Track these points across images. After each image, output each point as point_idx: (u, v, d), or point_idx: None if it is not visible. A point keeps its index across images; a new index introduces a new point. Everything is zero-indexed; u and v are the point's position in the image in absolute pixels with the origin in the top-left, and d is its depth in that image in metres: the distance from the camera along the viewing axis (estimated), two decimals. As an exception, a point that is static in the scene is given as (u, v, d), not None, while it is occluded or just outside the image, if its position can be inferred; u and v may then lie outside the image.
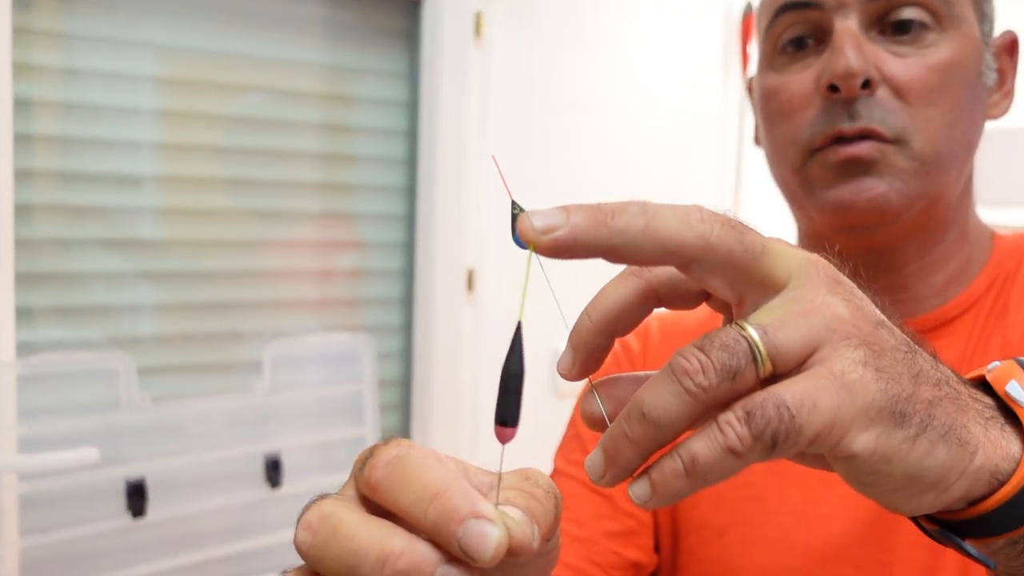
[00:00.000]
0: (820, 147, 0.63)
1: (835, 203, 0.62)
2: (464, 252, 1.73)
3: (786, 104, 0.65)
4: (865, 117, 0.61)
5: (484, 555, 0.30)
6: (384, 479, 0.32)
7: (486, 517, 0.30)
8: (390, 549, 0.30)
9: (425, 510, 0.30)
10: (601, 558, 0.67)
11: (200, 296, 1.51)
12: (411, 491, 0.31)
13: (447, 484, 0.31)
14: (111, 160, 1.41)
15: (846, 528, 0.62)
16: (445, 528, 0.30)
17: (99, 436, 1.35)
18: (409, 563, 0.29)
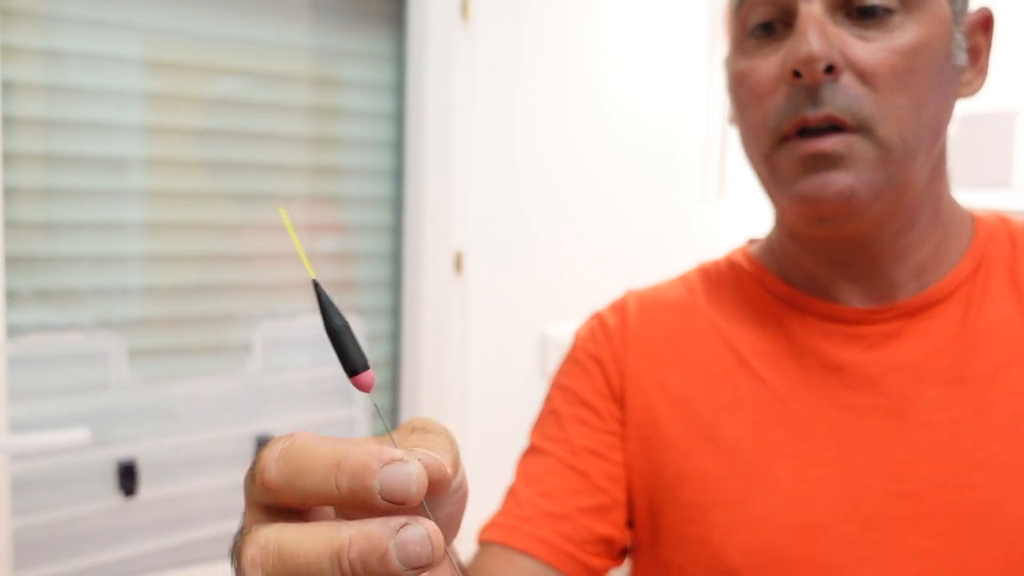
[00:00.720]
0: (787, 135, 0.63)
1: (801, 196, 0.62)
2: (452, 235, 1.74)
3: (755, 89, 0.65)
4: (829, 103, 0.60)
5: (410, 492, 0.30)
6: (279, 476, 0.31)
7: (396, 459, 0.30)
8: (339, 544, 0.29)
9: (334, 482, 0.30)
10: (574, 533, 0.68)
11: (189, 278, 1.51)
12: (312, 473, 0.30)
13: (343, 450, 0.30)
14: (98, 142, 1.41)
15: (831, 506, 0.63)
16: (361, 487, 0.30)
17: (90, 417, 1.37)
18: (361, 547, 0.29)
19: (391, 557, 0.29)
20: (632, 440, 0.71)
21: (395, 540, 0.29)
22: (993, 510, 0.60)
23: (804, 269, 0.71)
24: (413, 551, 0.29)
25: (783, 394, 0.67)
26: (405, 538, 0.29)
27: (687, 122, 2.01)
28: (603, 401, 0.73)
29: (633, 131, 1.94)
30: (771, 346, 0.70)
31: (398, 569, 0.29)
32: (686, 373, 0.71)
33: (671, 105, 1.99)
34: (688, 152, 2.02)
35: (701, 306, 0.75)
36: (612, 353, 0.75)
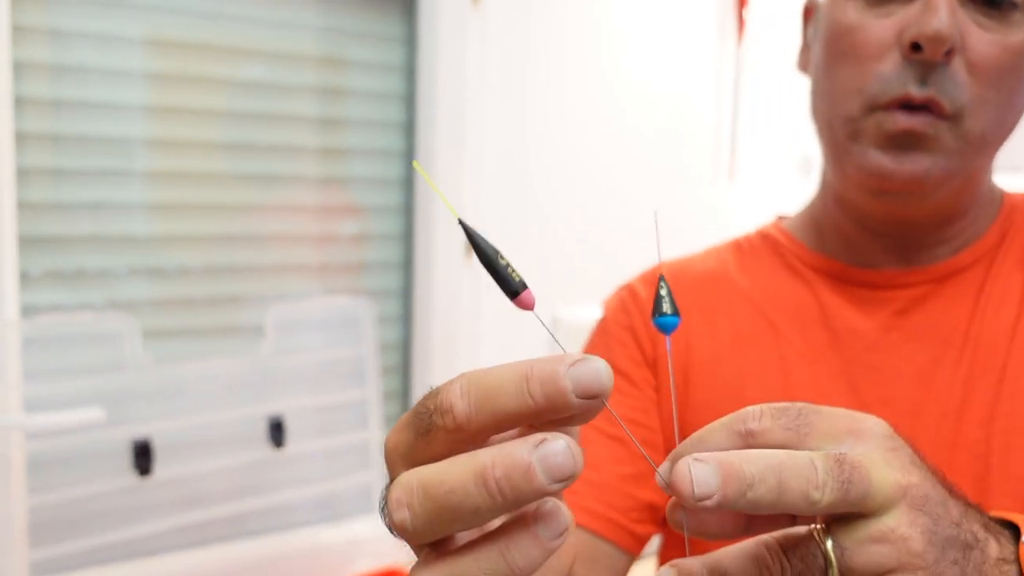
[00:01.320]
0: (882, 106, 0.61)
1: (876, 168, 0.62)
2: (463, 216, 1.73)
3: (860, 48, 0.62)
4: (936, 86, 0.59)
5: (603, 384, 0.30)
6: (469, 407, 0.31)
7: (582, 358, 0.30)
8: (481, 466, 0.29)
9: (527, 395, 0.30)
10: (618, 501, 0.69)
11: (200, 260, 1.52)
12: (503, 392, 0.30)
13: (527, 364, 0.30)
14: (108, 123, 1.42)
15: None
16: (555, 390, 0.30)
17: (104, 397, 1.37)
18: (505, 466, 0.29)
19: (536, 472, 0.29)
20: (665, 404, 0.73)
21: (536, 455, 0.29)
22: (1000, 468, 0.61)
23: (844, 236, 0.71)
24: (556, 463, 0.29)
25: (810, 358, 0.68)
26: (546, 452, 0.29)
27: (698, 104, 2.00)
28: (637, 368, 0.74)
29: (644, 113, 1.93)
30: (800, 311, 0.70)
31: (543, 483, 0.29)
32: (715, 338, 0.72)
33: (682, 87, 1.98)
34: (699, 135, 2.02)
35: (732, 276, 0.76)
36: (645, 321, 0.75)
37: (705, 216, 2.01)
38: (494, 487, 0.29)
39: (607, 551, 0.67)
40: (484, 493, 0.29)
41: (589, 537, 0.67)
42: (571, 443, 0.30)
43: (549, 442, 0.29)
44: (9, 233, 1.28)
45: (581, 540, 0.66)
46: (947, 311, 0.66)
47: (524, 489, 0.29)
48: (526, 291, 0.35)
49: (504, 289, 0.34)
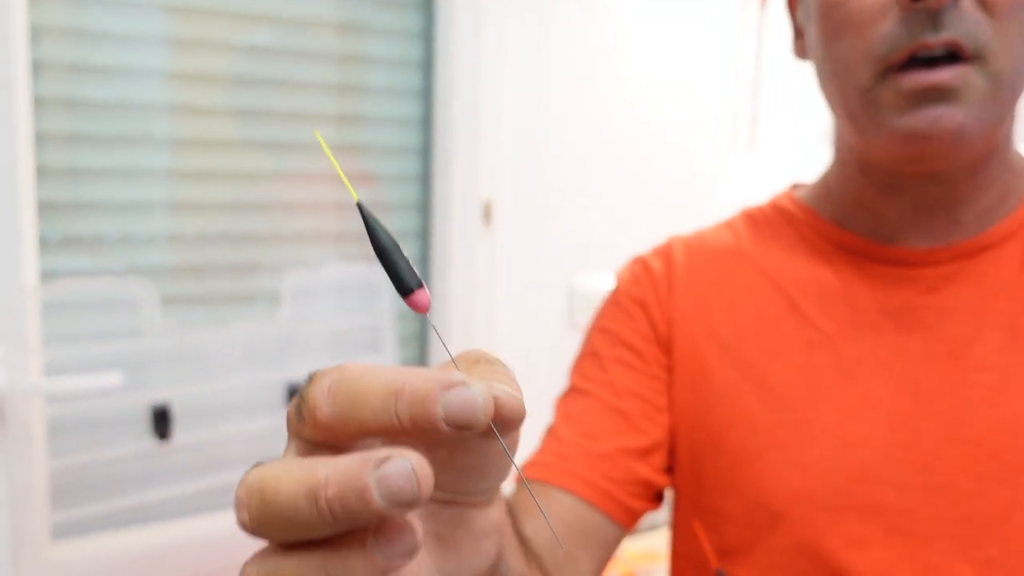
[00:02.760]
0: (896, 65, 0.58)
1: (908, 132, 0.59)
2: (480, 184, 1.73)
3: (855, 15, 0.59)
4: (951, 28, 0.56)
5: (476, 417, 0.28)
6: (331, 411, 0.29)
7: (459, 383, 0.28)
8: (315, 481, 0.27)
9: (393, 411, 0.28)
10: (616, 473, 0.68)
11: (219, 227, 1.52)
12: (368, 405, 0.28)
13: (401, 378, 0.28)
14: (127, 88, 1.41)
15: (886, 450, 0.62)
16: (423, 415, 0.27)
17: (123, 362, 1.38)
18: (339, 485, 0.26)
19: (372, 494, 0.26)
20: (679, 387, 0.71)
21: (375, 475, 0.26)
22: None
23: (866, 207, 0.69)
24: (396, 486, 0.26)
25: (835, 338, 0.66)
26: (386, 472, 0.26)
27: (718, 73, 1.98)
28: (647, 344, 0.73)
29: (664, 81, 1.91)
30: (822, 290, 0.68)
31: (380, 507, 0.26)
32: (735, 318, 0.70)
33: (701, 56, 1.95)
34: (719, 104, 1.99)
35: (748, 250, 0.74)
36: (657, 298, 0.74)
37: (725, 186, 1.99)
38: (324, 506, 0.26)
39: (599, 522, 0.67)
40: (314, 511, 0.27)
41: (582, 507, 0.66)
42: (417, 465, 0.27)
43: (391, 462, 0.26)
44: (28, 198, 1.28)
45: (573, 509, 0.66)
46: (980, 288, 0.64)
47: (359, 511, 0.27)
48: (421, 290, 0.33)
49: (397, 286, 0.33)
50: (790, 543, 0.63)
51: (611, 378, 0.72)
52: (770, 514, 0.64)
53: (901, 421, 0.63)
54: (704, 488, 0.69)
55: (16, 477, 1.28)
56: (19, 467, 1.28)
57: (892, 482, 0.61)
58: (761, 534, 0.65)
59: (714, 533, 0.68)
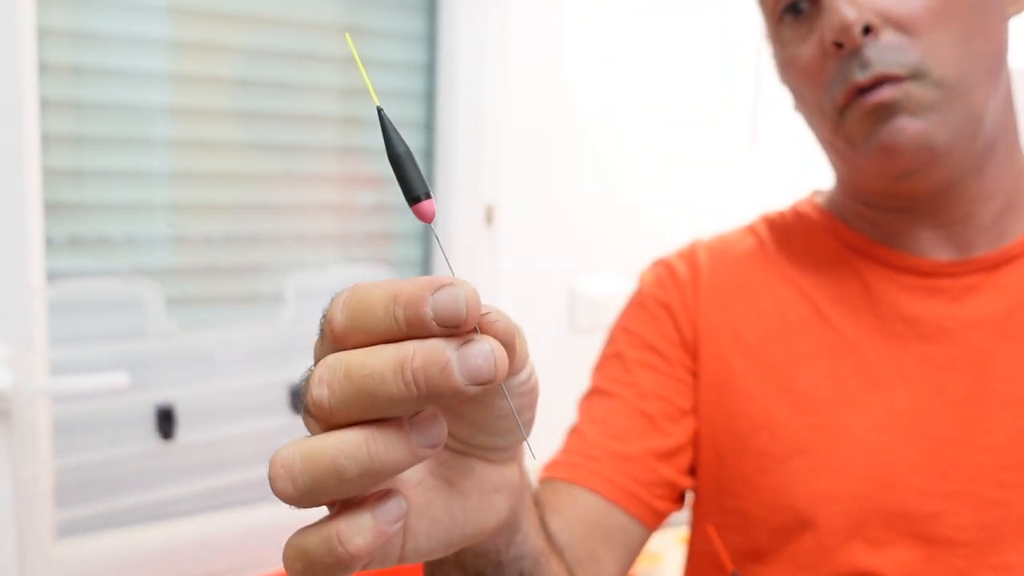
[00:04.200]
0: (846, 104, 0.63)
1: (879, 149, 0.62)
2: (483, 188, 1.73)
3: (802, 73, 0.65)
4: (876, 63, 0.60)
5: (460, 312, 0.30)
6: (345, 321, 0.31)
7: (447, 283, 0.30)
8: (402, 355, 0.29)
9: (393, 316, 0.30)
10: (642, 475, 0.69)
11: (224, 229, 1.53)
12: (374, 312, 0.31)
13: (399, 285, 0.31)
14: (129, 90, 1.42)
15: (909, 457, 0.63)
16: (415, 315, 0.30)
17: (128, 362, 1.39)
18: (424, 357, 0.29)
19: (453, 369, 0.29)
20: (705, 390, 0.72)
21: (457, 353, 0.29)
22: None
23: (878, 223, 0.71)
24: (475, 364, 0.29)
25: (860, 345, 0.67)
26: (467, 351, 0.30)
27: (720, 72, 1.98)
28: (671, 347, 0.73)
29: (666, 83, 1.91)
30: (847, 297, 0.70)
31: (460, 382, 0.29)
32: (760, 323, 0.71)
33: (705, 56, 1.95)
34: (721, 103, 1.99)
35: (772, 256, 0.75)
36: (683, 302, 0.75)
37: (729, 187, 1.99)
38: (410, 378, 0.29)
39: (624, 523, 0.67)
40: (400, 382, 0.29)
41: (607, 507, 0.67)
42: (495, 348, 0.30)
43: (473, 343, 0.30)
44: (34, 199, 1.29)
45: (597, 509, 0.67)
46: (1002, 299, 0.65)
47: (440, 385, 0.29)
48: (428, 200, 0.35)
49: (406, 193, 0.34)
50: (814, 546, 0.65)
51: (636, 380, 0.73)
52: (795, 517, 0.65)
53: (925, 428, 0.64)
54: (728, 490, 0.70)
55: (21, 476, 1.29)
56: (24, 466, 1.29)
57: (916, 488, 0.63)
58: (786, 537, 0.66)
59: (738, 535, 0.69)
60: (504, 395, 0.36)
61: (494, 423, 0.37)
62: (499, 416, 0.37)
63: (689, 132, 1.95)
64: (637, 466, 0.69)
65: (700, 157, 1.97)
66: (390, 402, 0.30)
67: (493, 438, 0.38)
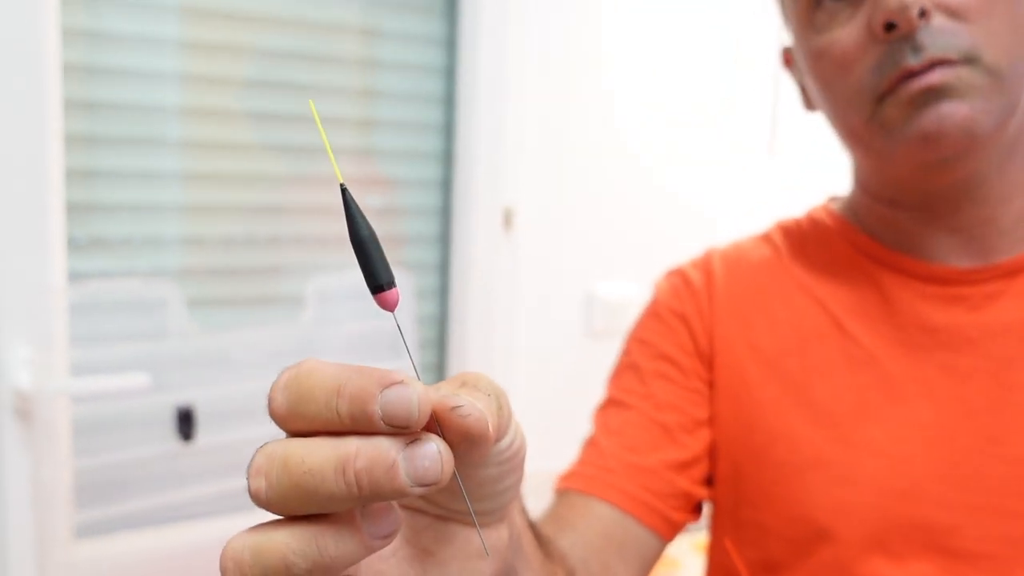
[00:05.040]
0: (889, 90, 0.60)
1: (920, 135, 0.60)
2: (502, 191, 1.73)
3: (840, 59, 0.63)
4: (930, 47, 0.58)
5: (411, 415, 0.28)
6: (284, 404, 0.30)
7: (398, 382, 0.28)
8: (344, 453, 0.28)
9: (335, 409, 0.28)
10: (658, 486, 0.68)
11: (243, 231, 1.53)
12: (314, 400, 0.29)
13: (346, 375, 0.29)
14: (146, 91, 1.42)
15: (930, 469, 0.62)
16: (361, 412, 0.28)
17: (149, 363, 1.39)
18: (368, 457, 0.28)
19: (399, 470, 0.28)
20: (721, 401, 0.71)
21: (404, 454, 0.28)
22: None
23: (897, 228, 0.69)
24: (421, 466, 0.28)
25: (878, 355, 0.66)
26: (415, 452, 0.28)
27: (740, 78, 1.97)
28: (687, 357, 0.73)
29: (686, 87, 1.90)
30: (864, 306, 0.68)
31: (405, 484, 0.28)
32: (776, 334, 0.70)
33: (724, 60, 1.94)
34: (741, 109, 1.98)
35: (787, 265, 0.74)
36: (698, 311, 0.74)
37: (747, 193, 1.98)
38: (352, 478, 0.28)
39: (639, 535, 0.67)
40: (341, 482, 0.28)
41: (622, 518, 0.66)
42: (442, 449, 0.29)
43: (420, 444, 0.28)
44: (56, 199, 1.30)
45: (612, 521, 0.66)
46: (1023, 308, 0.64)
47: (384, 486, 0.28)
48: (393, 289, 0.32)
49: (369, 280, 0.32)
50: (832, 559, 0.64)
51: (651, 391, 0.72)
52: (814, 529, 0.64)
53: (946, 440, 0.63)
54: (745, 502, 0.69)
55: (41, 476, 1.30)
56: (44, 466, 1.30)
57: (936, 500, 0.62)
58: (804, 549, 0.65)
59: (755, 547, 0.69)
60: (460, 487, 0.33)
61: (475, 491, 0.35)
62: (480, 484, 0.35)
63: (709, 138, 1.94)
64: (653, 477, 0.68)
65: (719, 163, 1.96)
66: (330, 500, 0.28)
67: (474, 504, 0.35)
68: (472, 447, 0.30)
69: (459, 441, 0.30)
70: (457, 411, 0.30)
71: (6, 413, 1.26)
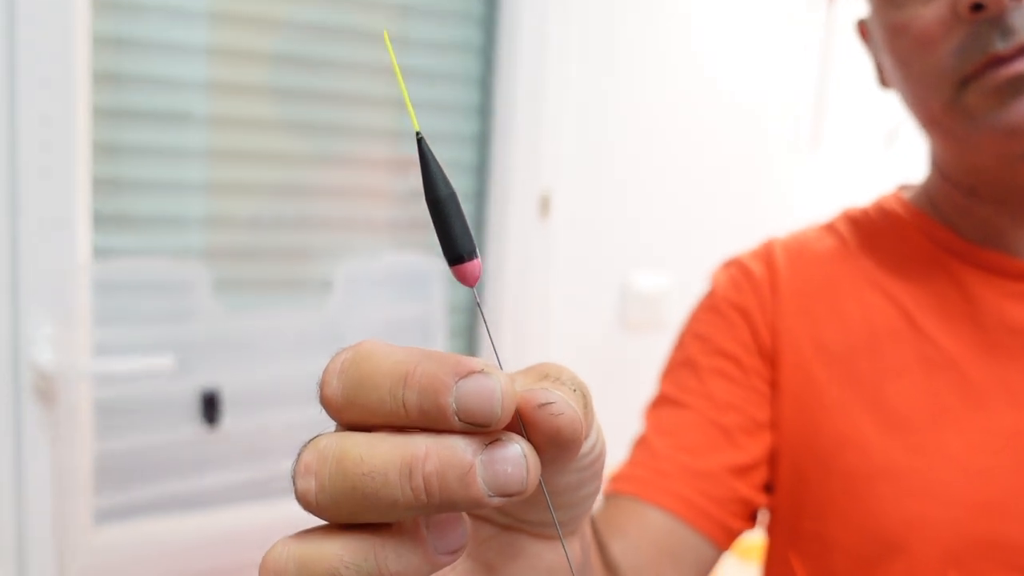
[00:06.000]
0: (973, 75, 0.56)
1: (1006, 127, 0.56)
2: (539, 177, 1.68)
3: (920, 38, 0.58)
4: (1020, 30, 0.54)
5: (493, 411, 0.24)
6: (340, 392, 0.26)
7: (478, 370, 0.24)
8: (412, 454, 0.24)
9: (402, 399, 0.25)
10: (717, 492, 0.64)
11: (273, 211, 1.50)
12: (375, 388, 0.25)
13: (413, 361, 0.25)
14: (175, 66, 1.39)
15: (1012, 482, 0.58)
16: (433, 405, 0.24)
17: (174, 345, 1.37)
18: (440, 460, 0.24)
19: (475, 477, 0.24)
20: (785, 403, 0.66)
21: (482, 457, 0.24)
22: None
23: (979, 219, 0.64)
24: (503, 472, 0.24)
25: (958, 358, 0.61)
26: (495, 456, 0.24)
27: (784, 71, 1.91)
28: (747, 354, 0.68)
29: (729, 79, 1.85)
30: (942, 304, 0.63)
31: (482, 493, 0.24)
32: (845, 331, 0.65)
33: (768, 52, 1.88)
34: (784, 102, 1.92)
35: (856, 257, 0.69)
36: (760, 306, 0.69)
37: (787, 185, 1.93)
38: (420, 483, 0.24)
39: (695, 543, 0.63)
40: (408, 487, 0.24)
41: (677, 526, 0.62)
42: (528, 453, 0.25)
43: (501, 446, 0.24)
44: (83, 174, 1.27)
45: (666, 528, 0.62)
46: None
47: (457, 494, 0.24)
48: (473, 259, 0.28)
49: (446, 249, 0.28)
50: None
51: (709, 389, 0.68)
52: (884, 544, 0.60)
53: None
54: (807, 513, 0.65)
55: (61, 459, 1.27)
56: (65, 449, 1.27)
57: (1018, 517, 0.58)
58: (872, 565, 0.61)
59: (816, 561, 0.65)
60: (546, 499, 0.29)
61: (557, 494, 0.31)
62: (558, 492, 0.31)
63: (752, 130, 1.89)
64: (711, 482, 0.64)
65: (763, 155, 1.91)
66: (393, 508, 0.24)
67: (547, 513, 0.32)
68: (561, 451, 0.26)
69: (546, 444, 0.26)
70: (547, 408, 0.25)
71: (27, 393, 1.23)
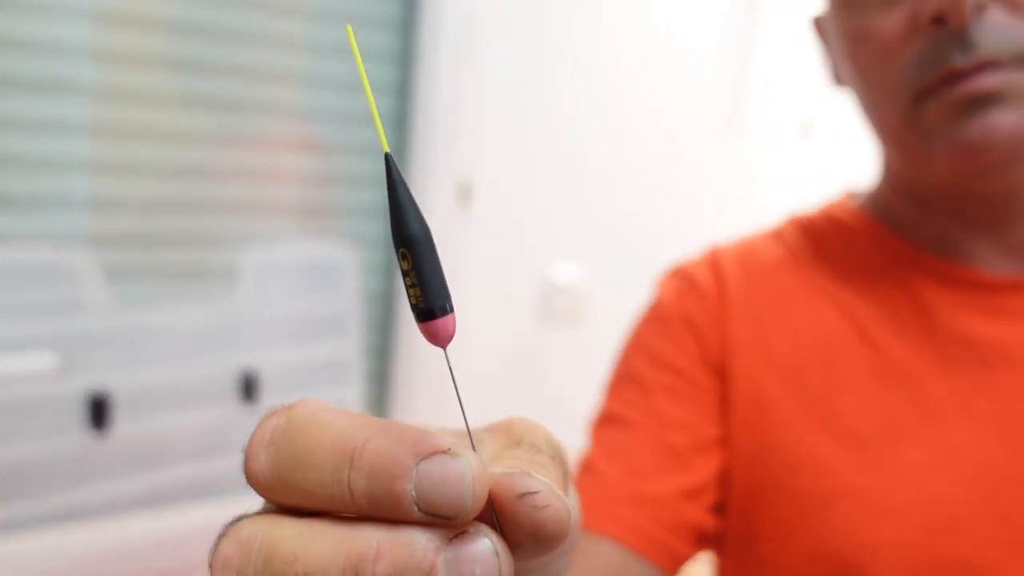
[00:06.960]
0: (930, 87, 0.56)
1: (962, 145, 0.55)
2: (460, 162, 1.64)
3: (879, 48, 0.58)
4: (980, 45, 0.53)
5: (462, 502, 0.21)
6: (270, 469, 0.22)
7: (442, 450, 0.21)
8: (359, 552, 0.20)
9: (347, 483, 0.21)
10: (667, 518, 0.61)
11: (168, 193, 1.41)
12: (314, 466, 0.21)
13: (362, 435, 0.21)
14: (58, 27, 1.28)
15: (969, 499, 0.57)
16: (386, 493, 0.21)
17: (57, 342, 1.29)
18: (395, 560, 0.20)
19: None
20: (737, 417, 0.64)
21: (446, 555, 0.21)
22: None
23: (932, 230, 0.63)
24: (470, 573, 0.21)
25: (912, 371, 0.60)
26: (462, 554, 0.21)
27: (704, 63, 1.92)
28: (695, 367, 0.65)
29: (647, 68, 1.84)
30: (895, 315, 0.62)
31: None
32: (797, 344, 0.64)
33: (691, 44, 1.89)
34: (708, 88, 1.93)
35: (805, 266, 0.67)
36: (708, 317, 0.66)
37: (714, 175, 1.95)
38: None
39: (646, 573, 0.60)
40: None
41: (627, 556, 0.59)
42: (500, 549, 0.21)
43: (468, 542, 0.21)
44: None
45: (617, 559, 0.59)
46: None
47: None
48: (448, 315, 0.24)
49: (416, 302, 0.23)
50: None
51: (656, 406, 0.65)
52: (841, 568, 0.58)
53: (987, 467, 0.58)
54: (760, 535, 0.63)
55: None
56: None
57: (975, 535, 0.57)
58: None
59: None
60: None
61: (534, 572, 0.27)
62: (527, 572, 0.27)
63: (674, 121, 1.90)
64: (661, 508, 0.61)
65: (684, 146, 1.92)
66: None
67: None
68: (541, 548, 0.22)
69: (525, 539, 0.22)
70: (529, 500, 0.22)
71: None
